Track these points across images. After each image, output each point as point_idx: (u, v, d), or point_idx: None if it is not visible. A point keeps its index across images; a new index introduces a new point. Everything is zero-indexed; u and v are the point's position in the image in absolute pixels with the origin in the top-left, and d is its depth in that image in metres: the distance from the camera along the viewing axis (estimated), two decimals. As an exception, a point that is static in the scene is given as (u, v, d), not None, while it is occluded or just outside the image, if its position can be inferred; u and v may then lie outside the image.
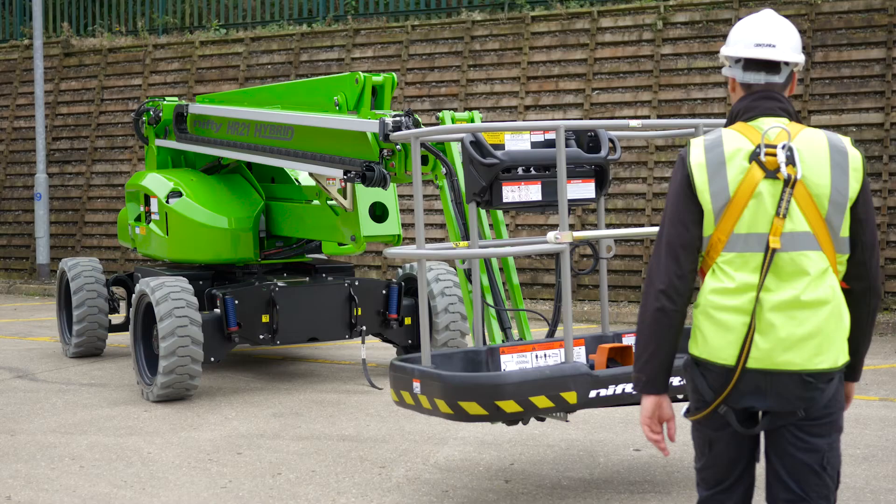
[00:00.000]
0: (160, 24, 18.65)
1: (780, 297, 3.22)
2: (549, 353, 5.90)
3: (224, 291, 8.69)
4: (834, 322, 3.27)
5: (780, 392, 3.25)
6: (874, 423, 7.33)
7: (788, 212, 3.21)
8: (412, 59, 15.77)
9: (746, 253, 3.25)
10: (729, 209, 3.27)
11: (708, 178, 3.30)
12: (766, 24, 3.42)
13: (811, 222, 3.24)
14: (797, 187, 3.23)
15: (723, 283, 3.28)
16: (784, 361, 3.23)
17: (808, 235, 3.23)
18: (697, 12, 14.22)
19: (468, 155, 5.75)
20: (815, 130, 3.37)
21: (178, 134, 9.98)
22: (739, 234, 3.26)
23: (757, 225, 3.24)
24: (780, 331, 3.22)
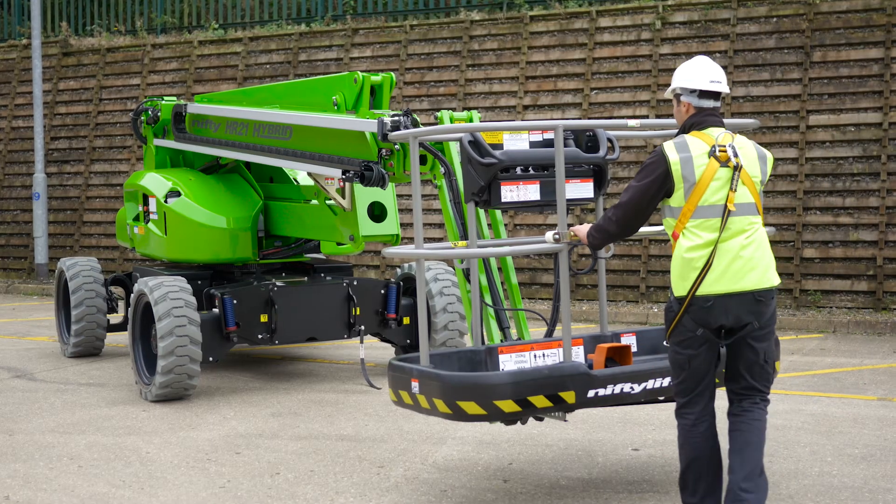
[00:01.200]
0: (159, 24, 18.65)
1: (733, 245, 4.76)
2: (547, 353, 5.90)
3: (223, 291, 8.69)
4: (767, 258, 4.84)
5: (740, 308, 4.76)
6: (872, 423, 7.33)
7: (737, 187, 4.77)
8: (411, 58, 15.77)
9: (710, 218, 4.78)
10: (696, 189, 4.78)
11: (682, 170, 4.81)
12: (713, 66, 5.02)
13: (752, 194, 4.84)
14: (742, 172, 4.80)
15: (692, 241, 4.80)
16: (741, 286, 4.75)
17: (750, 204, 4.83)
18: (696, 12, 14.22)
19: (467, 155, 5.75)
20: (744, 137, 4.97)
21: (177, 134, 9.98)
22: (703, 205, 4.78)
23: (716, 198, 4.77)
24: (735, 266, 4.75)
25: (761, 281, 4.79)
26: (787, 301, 12.84)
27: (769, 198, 13.20)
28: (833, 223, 12.90)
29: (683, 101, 5.00)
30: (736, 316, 4.77)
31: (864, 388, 8.63)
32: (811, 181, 13.11)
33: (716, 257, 4.72)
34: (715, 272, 4.72)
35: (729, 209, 4.73)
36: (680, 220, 4.84)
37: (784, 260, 13.02)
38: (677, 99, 5.03)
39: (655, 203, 4.94)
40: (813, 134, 13.21)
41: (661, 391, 5.51)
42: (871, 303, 12.51)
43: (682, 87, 4.98)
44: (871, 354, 10.34)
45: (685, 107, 5.00)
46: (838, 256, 12.80)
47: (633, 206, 4.97)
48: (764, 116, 13.44)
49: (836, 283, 12.74)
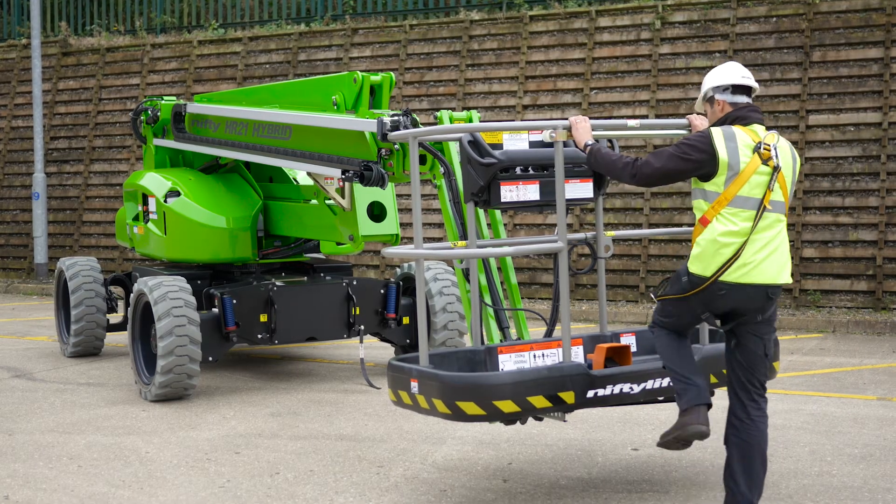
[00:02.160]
0: (158, 24, 18.65)
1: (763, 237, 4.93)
2: (546, 353, 5.89)
3: (222, 291, 8.69)
4: (787, 256, 5.05)
5: (750, 300, 4.94)
6: (872, 423, 7.34)
7: (774, 187, 4.95)
8: (410, 58, 15.77)
9: (747, 210, 4.91)
10: (737, 179, 4.91)
11: (728, 158, 4.92)
12: (740, 66, 5.26)
13: (784, 195, 5.01)
14: (779, 173, 4.97)
15: (727, 227, 4.91)
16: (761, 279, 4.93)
17: (781, 203, 5.01)
18: (695, 12, 14.22)
19: (466, 155, 5.75)
20: (784, 140, 5.12)
21: (177, 133, 9.97)
22: (742, 195, 4.91)
23: (754, 192, 4.92)
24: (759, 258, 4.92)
25: (777, 277, 4.97)
26: (787, 301, 12.84)
27: (769, 197, 13.18)
28: (833, 223, 12.90)
29: (718, 100, 5.16)
30: (744, 306, 4.96)
31: (863, 387, 8.63)
32: (811, 181, 13.11)
33: (746, 247, 4.88)
34: (742, 261, 4.88)
35: (765, 206, 4.90)
36: (714, 206, 4.95)
37: (784, 260, 13.01)
38: (710, 102, 5.20)
39: (683, 179, 5.12)
40: (812, 134, 13.22)
41: (661, 391, 5.51)
42: (871, 302, 12.51)
43: (715, 86, 5.17)
44: (870, 354, 10.34)
45: (720, 105, 5.17)
46: (838, 256, 12.80)
47: (662, 175, 5.07)
48: (763, 116, 13.42)
49: (836, 282, 12.75)
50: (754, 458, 5.01)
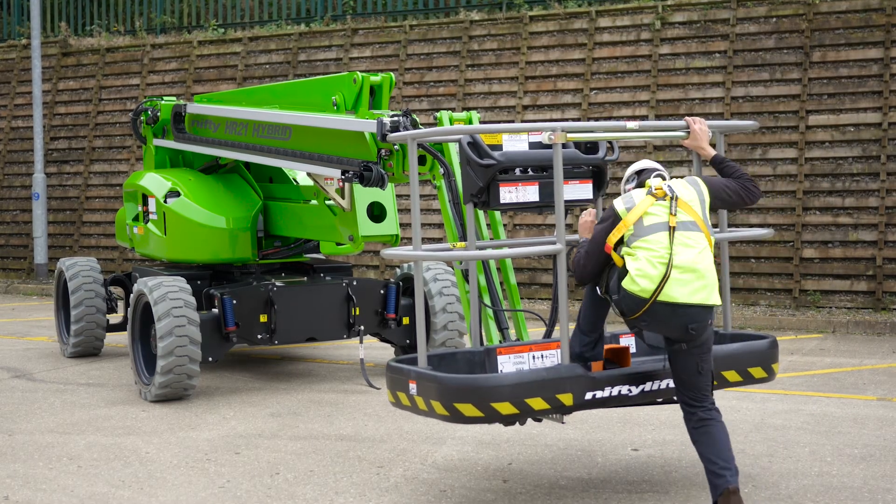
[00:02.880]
0: (158, 24, 18.65)
1: (681, 259, 5.18)
2: (546, 354, 5.89)
3: (222, 291, 8.69)
4: (713, 277, 5.25)
5: (680, 322, 5.15)
6: (872, 423, 7.34)
7: (675, 212, 5.28)
8: (410, 58, 15.77)
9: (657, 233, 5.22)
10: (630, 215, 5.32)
11: (624, 207, 5.36)
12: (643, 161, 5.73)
13: (690, 214, 5.31)
14: (678, 200, 5.32)
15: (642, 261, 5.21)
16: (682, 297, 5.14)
17: (691, 222, 5.29)
18: (695, 12, 14.22)
19: (465, 156, 5.75)
20: (678, 180, 5.56)
21: (177, 134, 9.98)
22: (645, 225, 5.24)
23: (658, 220, 5.25)
24: (681, 279, 5.16)
25: (700, 296, 5.20)
26: (787, 301, 12.84)
27: (769, 198, 13.21)
28: (832, 223, 12.90)
29: (628, 188, 5.63)
30: (675, 329, 5.20)
31: (863, 388, 8.63)
32: (811, 181, 13.12)
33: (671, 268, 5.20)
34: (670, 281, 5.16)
35: (672, 226, 5.24)
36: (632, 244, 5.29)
37: (783, 260, 13.02)
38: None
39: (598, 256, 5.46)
40: (812, 134, 13.22)
41: (659, 393, 5.51)
42: (871, 303, 12.52)
43: (626, 179, 5.72)
44: (870, 354, 10.34)
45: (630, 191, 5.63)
46: (838, 256, 12.80)
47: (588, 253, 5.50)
48: (763, 116, 13.44)
49: (836, 283, 12.75)
50: (721, 442, 5.25)
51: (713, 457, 5.23)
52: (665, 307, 5.14)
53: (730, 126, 6.94)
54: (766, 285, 13.04)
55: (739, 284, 13.08)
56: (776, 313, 12.48)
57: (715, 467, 5.21)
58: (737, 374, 5.81)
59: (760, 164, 13.37)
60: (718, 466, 5.20)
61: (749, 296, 13.05)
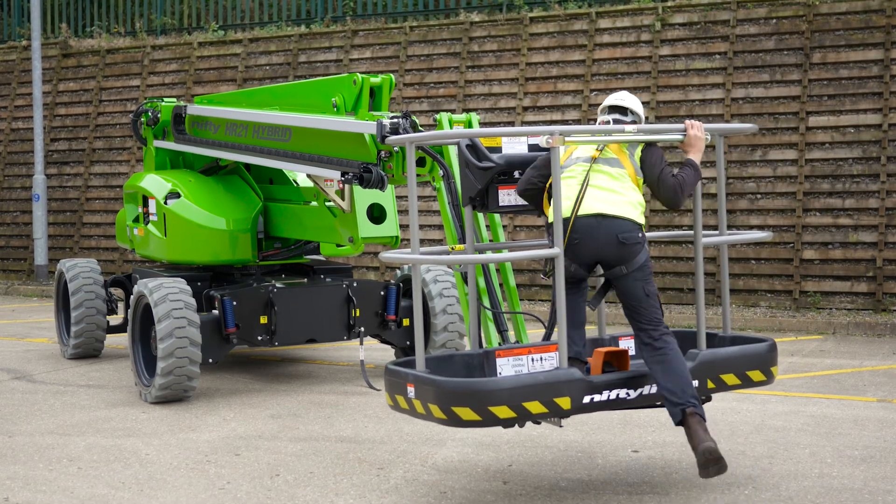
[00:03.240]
0: (158, 25, 18.66)
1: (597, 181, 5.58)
2: (545, 357, 5.89)
3: (222, 293, 8.69)
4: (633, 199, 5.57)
5: (607, 232, 5.41)
6: (872, 424, 7.34)
7: (602, 149, 5.66)
8: (410, 60, 15.78)
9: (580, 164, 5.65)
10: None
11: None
12: (625, 92, 6.03)
13: (617, 155, 5.64)
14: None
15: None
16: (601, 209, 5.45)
17: (615, 160, 5.62)
18: (695, 13, 14.23)
19: (464, 159, 5.75)
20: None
21: (177, 135, 9.98)
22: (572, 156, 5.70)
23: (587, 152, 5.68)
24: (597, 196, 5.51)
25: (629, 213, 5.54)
26: (787, 302, 12.84)
27: (769, 199, 13.21)
28: (833, 225, 12.90)
29: (599, 120, 5.93)
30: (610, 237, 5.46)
31: (863, 389, 8.63)
32: (811, 183, 13.12)
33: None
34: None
35: (593, 157, 5.66)
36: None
37: (784, 261, 13.02)
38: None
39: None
40: (812, 135, 13.22)
41: (658, 397, 5.51)
42: (871, 304, 12.52)
43: (600, 108, 6.01)
44: (870, 356, 10.34)
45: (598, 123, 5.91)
46: (838, 258, 12.81)
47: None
48: (763, 118, 13.45)
49: (836, 284, 12.75)
50: (677, 372, 5.41)
51: (672, 386, 5.38)
52: (588, 219, 5.43)
53: (730, 129, 6.95)
54: (767, 287, 13.05)
55: (739, 286, 13.08)
56: (776, 315, 12.48)
57: (674, 397, 5.37)
58: (735, 377, 5.80)
59: (761, 165, 13.37)
60: (677, 397, 5.35)
61: (749, 297, 13.05)
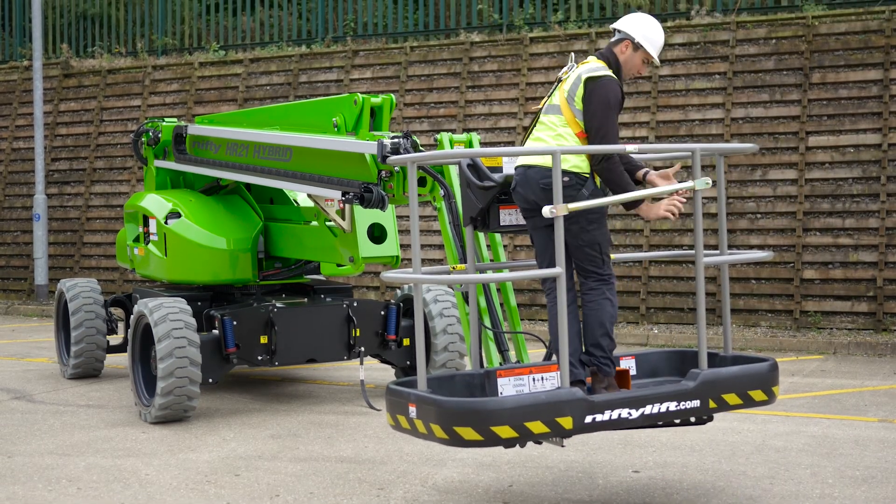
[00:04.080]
0: (159, 46, 18.71)
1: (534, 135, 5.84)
2: (546, 377, 5.88)
3: (222, 312, 8.68)
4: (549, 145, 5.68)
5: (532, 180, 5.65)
6: (873, 445, 7.32)
7: (552, 95, 5.87)
8: (411, 80, 15.82)
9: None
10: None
11: None
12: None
13: (560, 98, 5.81)
14: (559, 84, 5.85)
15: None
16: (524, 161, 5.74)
17: (554, 106, 5.82)
18: (695, 34, 14.27)
19: (465, 178, 5.76)
20: (590, 64, 5.83)
21: (177, 155, 9.99)
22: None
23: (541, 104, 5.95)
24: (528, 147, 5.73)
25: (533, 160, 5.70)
26: (788, 322, 12.84)
27: (769, 219, 13.22)
28: (833, 244, 12.91)
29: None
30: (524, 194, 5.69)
31: (864, 409, 8.62)
32: (811, 202, 13.13)
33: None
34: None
35: (541, 107, 5.90)
36: None
37: (784, 281, 13.02)
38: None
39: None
40: (812, 155, 13.24)
41: (660, 416, 5.50)
42: (872, 324, 12.51)
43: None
44: (871, 376, 10.33)
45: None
46: (838, 277, 12.81)
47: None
48: (763, 138, 13.47)
49: (837, 304, 12.75)
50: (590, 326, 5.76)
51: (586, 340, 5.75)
52: (519, 169, 5.74)
53: (730, 148, 6.96)
54: (767, 306, 13.04)
55: (740, 306, 13.07)
56: (777, 334, 12.47)
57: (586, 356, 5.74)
58: (737, 397, 5.79)
59: (761, 185, 13.38)
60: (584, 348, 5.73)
61: (750, 317, 13.04)
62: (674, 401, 5.51)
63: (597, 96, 5.69)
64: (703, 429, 7.31)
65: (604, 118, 5.71)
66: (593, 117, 5.71)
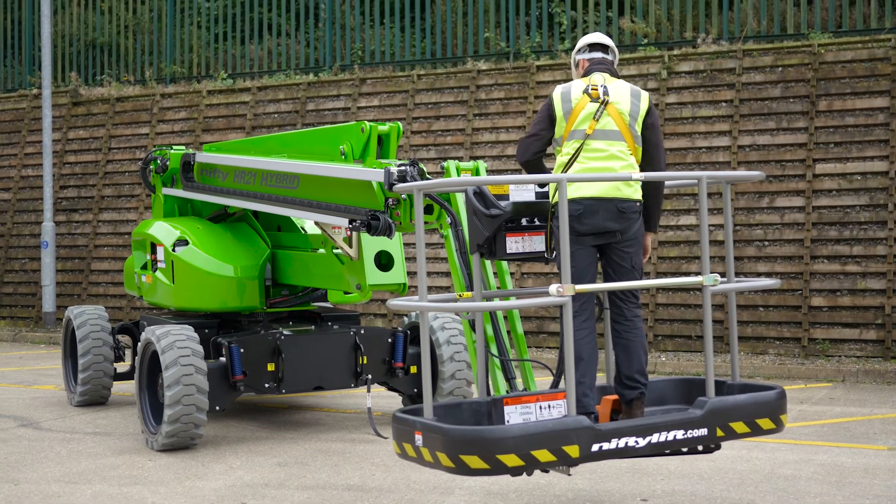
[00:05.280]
0: (168, 74, 18.80)
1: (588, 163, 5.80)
2: (552, 405, 5.87)
3: (229, 340, 8.69)
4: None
5: (602, 215, 5.72)
6: (883, 473, 7.29)
7: (599, 118, 5.80)
8: (418, 107, 15.87)
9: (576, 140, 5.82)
10: (569, 119, 5.85)
11: (562, 107, 5.89)
12: (600, 33, 6.25)
13: (618, 124, 5.81)
14: (609, 106, 5.82)
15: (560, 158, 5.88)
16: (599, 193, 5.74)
17: (613, 132, 5.80)
18: (701, 62, 14.31)
19: (472, 206, 5.77)
20: (623, 81, 5.95)
21: (185, 182, 10.03)
22: (573, 130, 5.84)
23: (581, 125, 5.82)
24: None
25: (610, 192, 5.77)
26: (796, 350, 12.80)
27: (776, 246, 13.21)
28: (841, 272, 12.88)
29: (579, 60, 6.16)
30: (599, 223, 5.78)
31: (874, 437, 8.58)
32: (818, 230, 13.12)
33: (573, 167, 5.83)
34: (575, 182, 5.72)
35: (587, 134, 5.79)
36: (560, 147, 5.91)
37: (792, 308, 12.99)
38: (577, 66, 6.16)
39: (544, 136, 5.98)
40: (819, 182, 13.24)
41: (667, 445, 5.48)
42: (881, 351, 12.47)
43: (578, 48, 6.18)
44: (880, 404, 10.28)
45: (581, 64, 6.14)
46: (846, 305, 12.77)
47: (531, 140, 5.99)
48: (770, 165, 13.47)
49: (845, 331, 12.71)
50: (637, 353, 5.93)
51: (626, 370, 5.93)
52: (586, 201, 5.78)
53: (737, 176, 6.96)
54: (775, 334, 13.01)
55: (748, 333, 13.04)
56: (785, 362, 12.44)
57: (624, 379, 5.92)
58: (745, 425, 5.77)
59: (768, 212, 13.38)
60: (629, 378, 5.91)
61: (757, 344, 13.01)
62: (681, 429, 5.50)
63: (657, 119, 6.02)
64: (711, 457, 7.28)
65: (662, 142, 6.11)
66: (661, 143, 6.06)
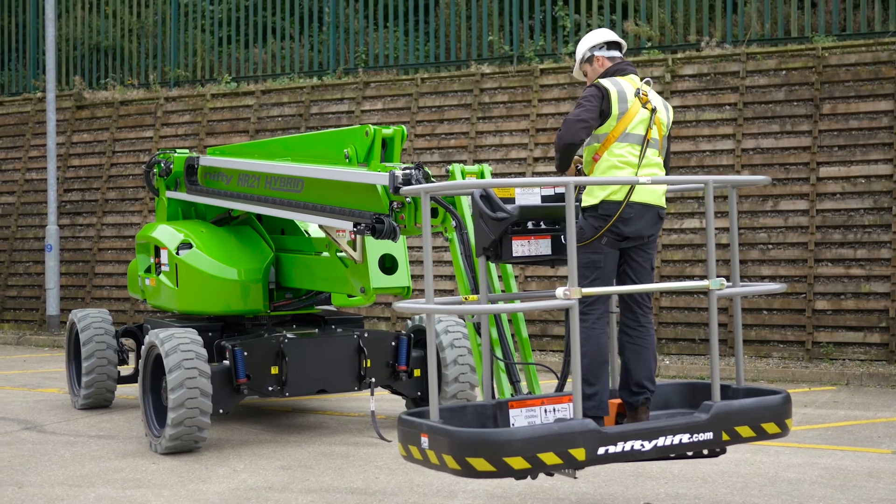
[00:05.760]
0: (172, 78, 18.82)
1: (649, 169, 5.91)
2: (558, 408, 5.87)
3: (233, 343, 8.69)
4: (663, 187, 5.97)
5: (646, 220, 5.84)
6: (887, 477, 7.28)
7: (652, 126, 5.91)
8: (422, 111, 15.87)
9: (632, 144, 5.86)
10: (623, 119, 5.85)
11: (619, 101, 5.86)
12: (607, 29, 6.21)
13: (659, 135, 5.98)
14: (655, 114, 5.94)
15: (619, 159, 5.85)
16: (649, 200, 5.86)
17: (656, 141, 5.97)
18: (705, 65, 14.30)
19: (478, 209, 5.77)
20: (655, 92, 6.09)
21: (189, 186, 10.03)
22: (627, 132, 5.85)
23: (636, 129, 5.88)
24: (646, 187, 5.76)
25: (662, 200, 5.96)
26: (800, 353, 12.79)
27: (780, 250, 13.20)
28: (845, 275, 12.87)
29: (597, 57, 6.13)
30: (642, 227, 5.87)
31: (878, 441, 8.57)
32: (822, 233, 13.11)
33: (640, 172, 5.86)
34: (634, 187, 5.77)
35: (648, 140, 5.88)
36: (604, 144, 5.87)
37: (796, 312, 12.98)
38: (590, 62, 6.14)
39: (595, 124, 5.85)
40: (823, 186, 13.23)
41: (673, 448, 5.47)
42: (884, 355, 12.45)
43: (592, 45, 6.14)
44: (884, 407, 10.27)
45: (599, 61, 6.13)
46: (850, 308, 12.76)
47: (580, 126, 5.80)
48: (774, 169, 13.46)
49: (849, 335, 12.69)
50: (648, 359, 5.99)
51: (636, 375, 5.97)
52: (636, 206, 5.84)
53: (742, 181, 6.94)
54: (779, 337, 12.99)
55: (752, 337, 13.03)
56: (789, 366, 12.42)
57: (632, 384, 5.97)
58: (750, 429, 5.76)
59: (772, 215, 13.37)
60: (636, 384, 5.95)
61: (762, 348, 13.00)
62: (686, 433, 5.49)
63: None
64: (715, 460, 7.27)
65: None
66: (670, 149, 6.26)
